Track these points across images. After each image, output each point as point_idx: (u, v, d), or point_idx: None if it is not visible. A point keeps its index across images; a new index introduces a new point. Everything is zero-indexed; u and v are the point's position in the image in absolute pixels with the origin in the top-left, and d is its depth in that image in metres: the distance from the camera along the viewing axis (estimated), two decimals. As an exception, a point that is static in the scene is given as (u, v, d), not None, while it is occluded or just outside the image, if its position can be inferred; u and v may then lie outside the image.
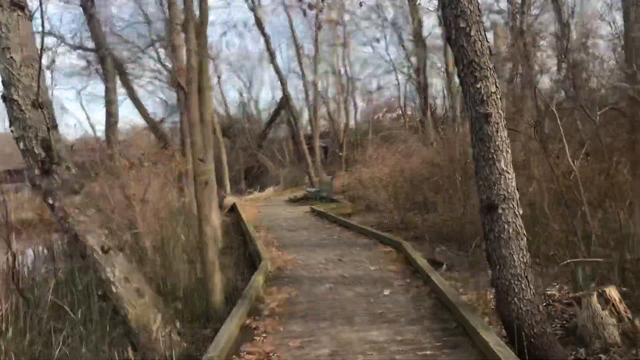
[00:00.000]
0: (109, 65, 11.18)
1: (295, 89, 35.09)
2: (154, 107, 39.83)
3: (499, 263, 4.21)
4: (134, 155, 9.17)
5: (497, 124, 4.21)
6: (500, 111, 4.25)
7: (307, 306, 5.50)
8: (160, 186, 8.18)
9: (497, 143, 4.20)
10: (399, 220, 12.15)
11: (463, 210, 9.73)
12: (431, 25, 32.47)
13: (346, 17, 28.17)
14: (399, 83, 29.53)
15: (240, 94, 38.78)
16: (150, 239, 7.34)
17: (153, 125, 17.31)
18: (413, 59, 25.98)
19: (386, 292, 5.79)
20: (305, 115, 34.11)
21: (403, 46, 27.53)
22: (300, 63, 27.40)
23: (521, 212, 4.25)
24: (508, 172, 4.22)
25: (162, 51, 23.91)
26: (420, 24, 23.46)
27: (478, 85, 4.22)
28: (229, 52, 56.48)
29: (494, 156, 4.20)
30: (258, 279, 6.37)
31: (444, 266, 7.81)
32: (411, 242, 10.55)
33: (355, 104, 33.75)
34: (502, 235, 4.19)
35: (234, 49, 46.77)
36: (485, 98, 4.21)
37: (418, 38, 23.08)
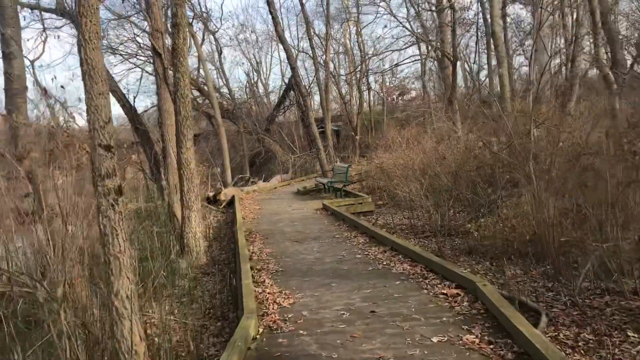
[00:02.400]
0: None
1: (306, 70, 31.94)
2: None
3: None
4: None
5: None
6: None
7: None
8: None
9: None
10: (440, 223, 9.09)
11: (548, 218, 6.49)
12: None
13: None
14: (421, 57, 25.98)
15: (247, 75, 35.77)
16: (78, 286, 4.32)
17: (124, 106, 13.96)
18: (431, 37, 22.51)
19: None
20: (317, 98, 30.99)
21: (420, 20, 24.09)
22: (310, 39, 24.29)
23: None
24: None
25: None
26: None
27: None
28: (231, 24, 53.07)
29: None
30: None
31: (543, 318, 4.72)
32: (465, 259, 7.48)
33: (368, 84, 30.38)
34: None
35: (236, 20, 43.25)
36: None
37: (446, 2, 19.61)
